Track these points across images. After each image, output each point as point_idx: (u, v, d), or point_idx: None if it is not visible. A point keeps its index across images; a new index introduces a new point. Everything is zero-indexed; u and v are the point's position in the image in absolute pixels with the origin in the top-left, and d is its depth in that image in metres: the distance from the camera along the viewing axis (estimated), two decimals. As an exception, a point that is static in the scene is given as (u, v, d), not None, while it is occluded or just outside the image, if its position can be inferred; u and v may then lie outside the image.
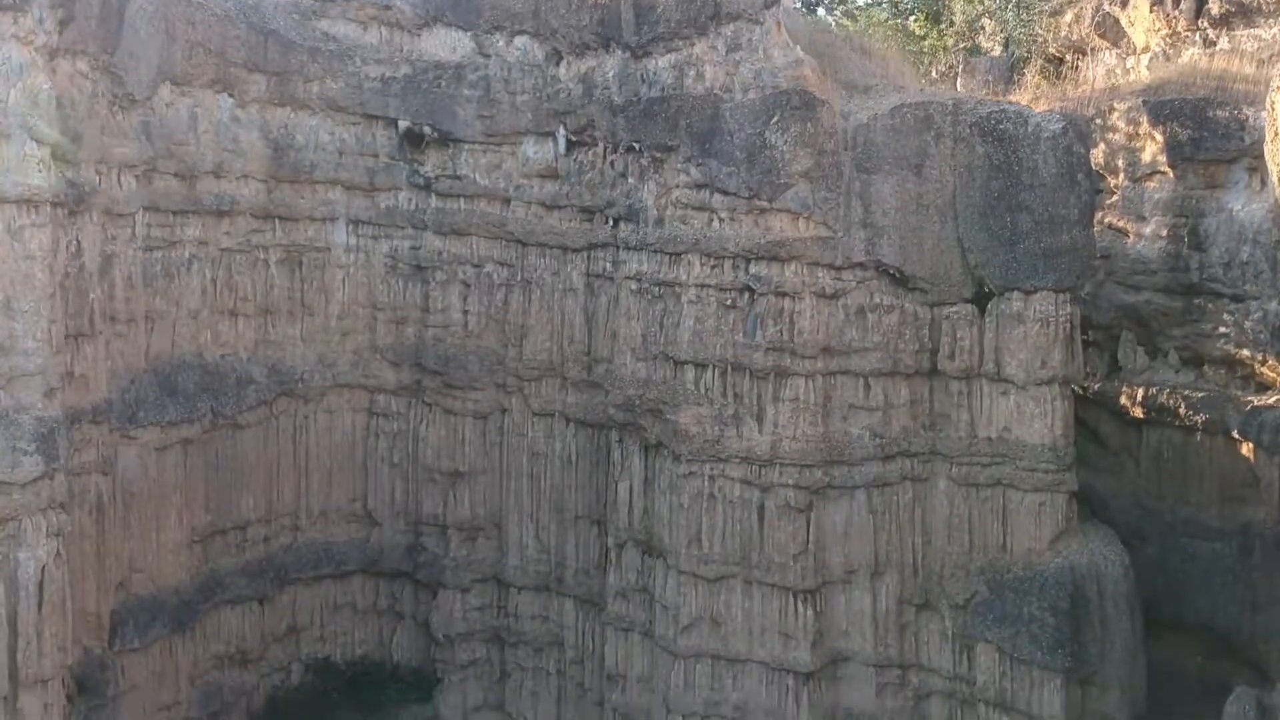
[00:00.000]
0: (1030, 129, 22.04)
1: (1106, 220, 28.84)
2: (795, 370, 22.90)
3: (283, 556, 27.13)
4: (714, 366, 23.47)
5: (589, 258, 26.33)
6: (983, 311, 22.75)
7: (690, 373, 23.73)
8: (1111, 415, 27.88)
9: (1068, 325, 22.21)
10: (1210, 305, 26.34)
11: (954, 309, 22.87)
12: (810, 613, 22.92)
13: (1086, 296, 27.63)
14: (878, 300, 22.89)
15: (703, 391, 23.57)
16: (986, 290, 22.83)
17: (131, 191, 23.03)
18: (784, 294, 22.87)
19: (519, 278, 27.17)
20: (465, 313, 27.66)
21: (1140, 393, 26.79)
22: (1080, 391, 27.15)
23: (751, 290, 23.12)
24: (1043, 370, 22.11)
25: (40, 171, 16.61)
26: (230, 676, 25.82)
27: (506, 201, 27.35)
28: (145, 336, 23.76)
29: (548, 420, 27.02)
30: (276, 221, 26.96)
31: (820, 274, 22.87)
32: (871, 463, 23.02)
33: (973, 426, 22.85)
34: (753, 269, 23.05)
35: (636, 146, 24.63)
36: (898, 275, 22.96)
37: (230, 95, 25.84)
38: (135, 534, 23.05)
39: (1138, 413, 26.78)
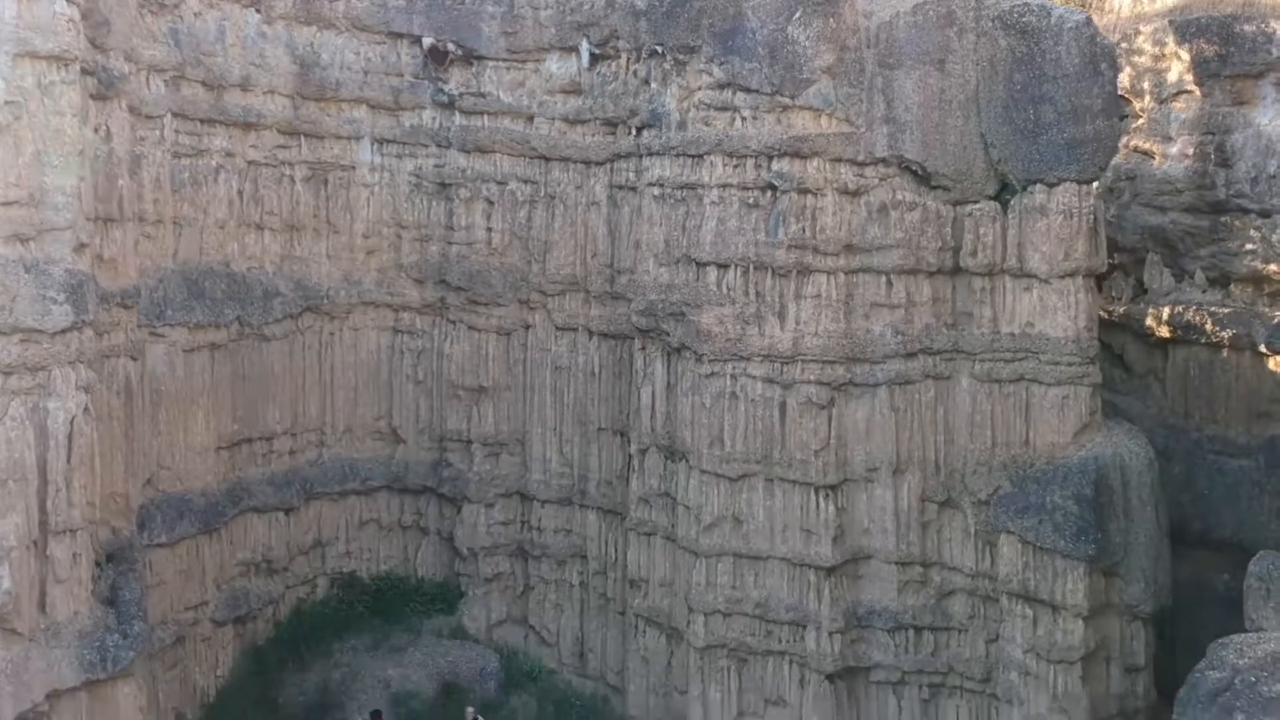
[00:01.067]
0: (1053, 21, 21.99)
1: (1132, 144, 28.77)
2: (817, 267, 22.94)
3: (308, 470, 27.36)
4: (736, 266, 23.52)
5: (612, 170, 26.45)
6: (1005, 208, 22.74)
7: (712, 274, 23.79)
8: (1137, 338, 27.80)
9: (1090, 217, 22.15)
10: (1237, 222, 26.24)
11: (976, 206, 22.86)
12: (832, 508, 22.95)
13: (1112, 219, 27.60)
14: (900, 197, 22.88)
15: (725, 292, 23.63)
16: (1009, 186, 22.81)
17: (160, 94, 23.28)
18: (806, 191, 22.90)
19: (542, 193, 27.31)
20: (489, 230, 27.81)
21: (1166, 311, 26.73)
22: (1106, 315, 27.11)
23: (774, 188, 23.17)
24: (1066, 262, 22.06)
25: (70, 31, 16.82)
26: (256, 584, 26.05)
27: (530, 118, 27.49)
28: (173, 241, 24.01)
29: (571, 334, 27.16)
30: (302, 138, 27.18)
31: (842, 170, 22.89)
32: (893, 360, 23.02)
33: (995, 323, 22.83)
34: (775, 166, 23.09)
35: (659, 50, 24.71)
36: (920, 172, 22.95)
37: (257, 10, 26.09)
38: (163, 432, 23.29)
39: (1164, 332, 26.69)
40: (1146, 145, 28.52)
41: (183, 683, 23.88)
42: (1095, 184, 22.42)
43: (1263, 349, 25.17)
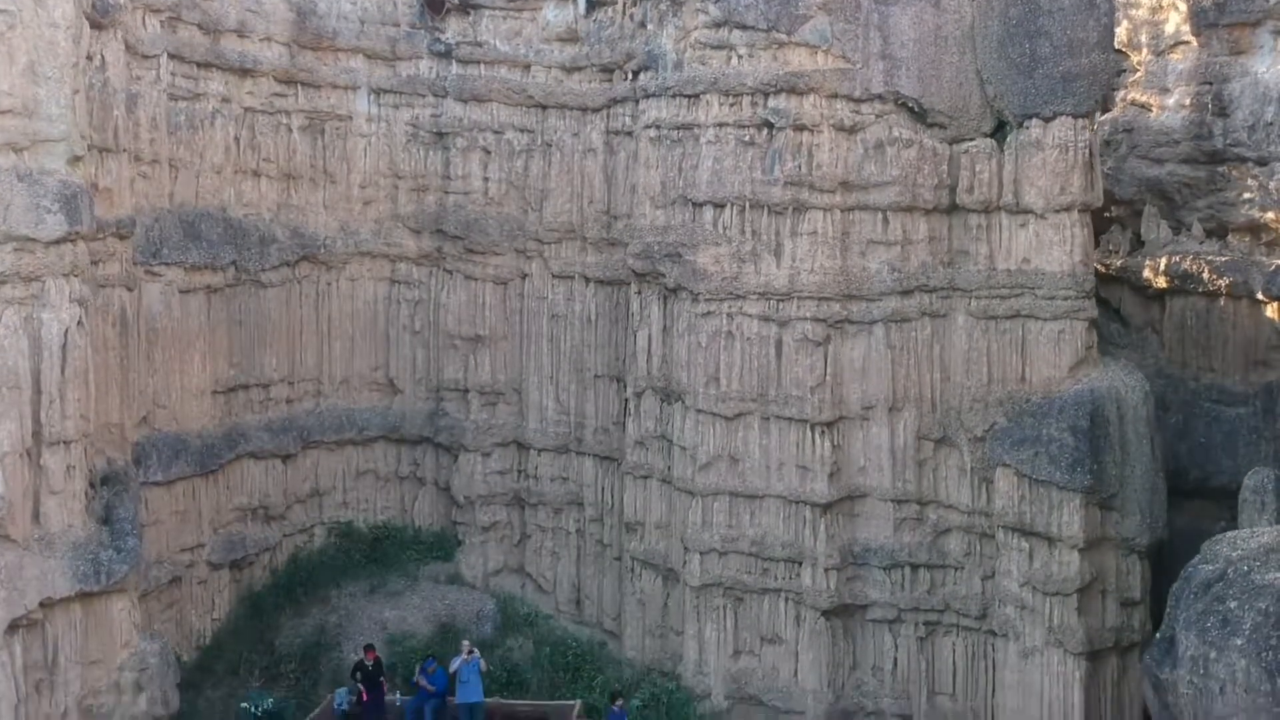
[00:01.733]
0: (1049, -46, 21.99)
1: (1130, 97, 28.76)
2: (813, 204, 22.93)
3: (305, 419, 27.36)
4: (732, 205, 23.51)
5: (608, 116, 26.44)
6: (1001, 146, 22.74)
7: (708, 213, 23.78)
8: (1134, 292, 27.75)
9: (1086, 151, 22.14)
10: (1234, 171, 26.22)
11: (972, 143, 22.87)
12: (827, 445, 22.94)
13: (1109, 172, 27.57)
14: (896, 134, 22.87)
15: (721, 231, 23.62)
16: (1005, 123, 22.81)
17: (155, 34, 23.29)
18: (802, 128, 22.90)
19: (539, 142, 27.30)
20: (485, 179, 27.79)
21: (1163, 261, 26.68)
22: (1103, 269, 27.10)
23: (770, 126, 23.16)
24: (1062, 196, 22.06)
25: (61, -58, 16.83)
26: (253, 530, 26.05)
27: (527, 66, 27.49)
28: (169, 182, 24.01)
29: (567, 282, 27.15)
30: (299, 87, 27.18)
31: (839, 106, 22.89)
32: (889, 298, 23.02)
33: (991, 259, 22.82)
34: (771, 104, 23.08)
35: (656, -11, 24.76)
36: (916, 109, 22.94)
37: (253, -44, 26.10)
38: (159, 371, 23.30)
39: (1161, 282, 26.65)
40: (1144, 98, 28.49)
41: (179, 624, 23.88)
42: (1091, 117, 22.36)
43: (1260, 296, 25.12)
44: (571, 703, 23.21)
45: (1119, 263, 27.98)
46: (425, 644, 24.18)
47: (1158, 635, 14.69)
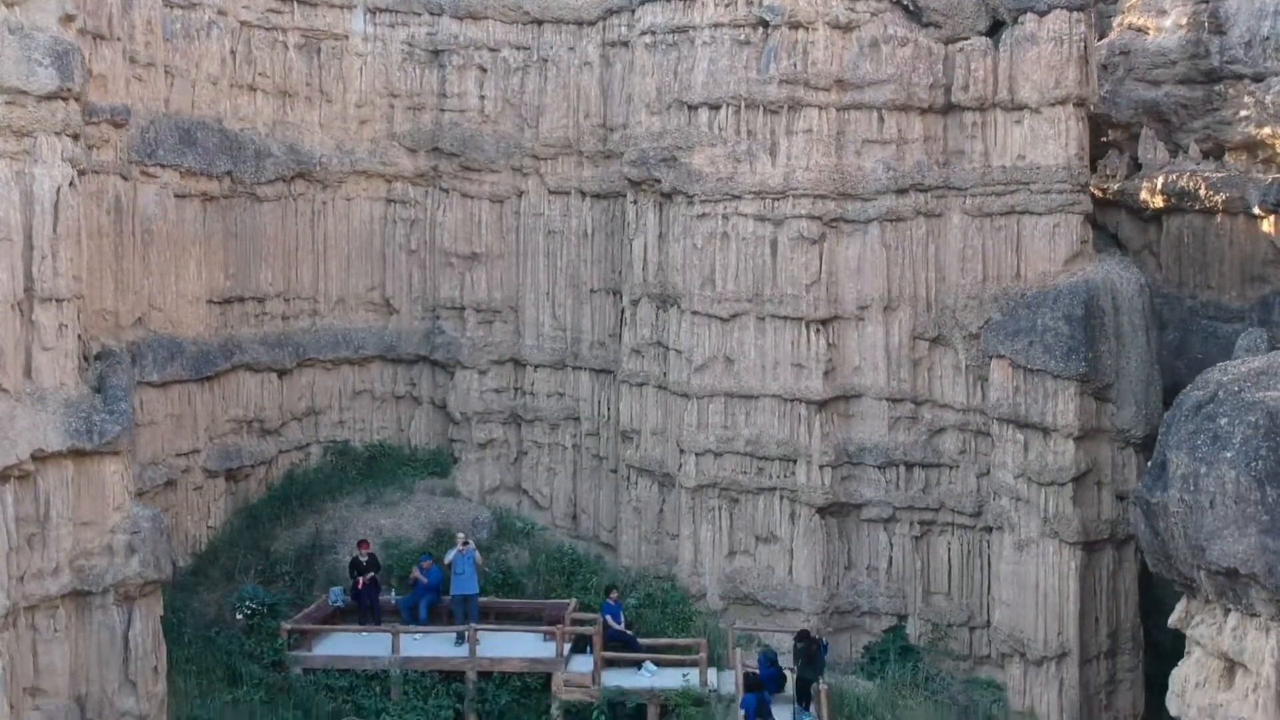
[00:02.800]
0: None
1: (1126, 21, 28.77)
2: (809, 102, 22.93)
3: (301, 336, 27.34)
4: (727, 106, 23.50)
5: (604, 28, 26.43)
6: (996, 45, 22.72)
7: (704, 115, 23.77)
8: (1131, 215, 27.76)
9: (1081, 44, 22.12)
10: (1231, 89, 26.20)
11: (968, 42, 22.86)
12: (823, 343, 22.95)
13: (1105, 95, 27.55)
14: (891, 32, 22.87)
15: (716, 132, 23.61)
16: (1000, 23, 22.80)
17: (151, -62, 23.32)
18: (798, 25, 22.89)
19: (535, 58, 27.29)
20: (481, 97, 27.77)
21: (1160, 181, 26.67)
22: (1100, 193, 27.10)
23: (765, 24, 23.15)
24: (1056, 90, 22.05)
25: None
26: (249, 442, 26.05)
27: (522, -19, 27.53)
28: (165, 88, 23.98)
29: (564, 198, 27.14)
30: (295, 4, 27.13)
31: (834, 4, 22.88)
32: (885, 196, 23.01)
33: (986, 156, 22.83)
34: (766, 1, 23.06)
35: (651, -107, 24.74)
36: (911, 7, 22.95)
37: None
38: (155, 274, 23.28)
39: (1158, 201, 26.64)
40: (1140, 21, 28.47)
41: (175, 530, 23.78)
42: (1086, 11, 22.34)
43: (1256, 211, 25.11)
44: (567, 601, 23.20)
45: (1116, 186, 27.97)
46: (420, 548, 24.17)
47: (1149, 464, 14.69)
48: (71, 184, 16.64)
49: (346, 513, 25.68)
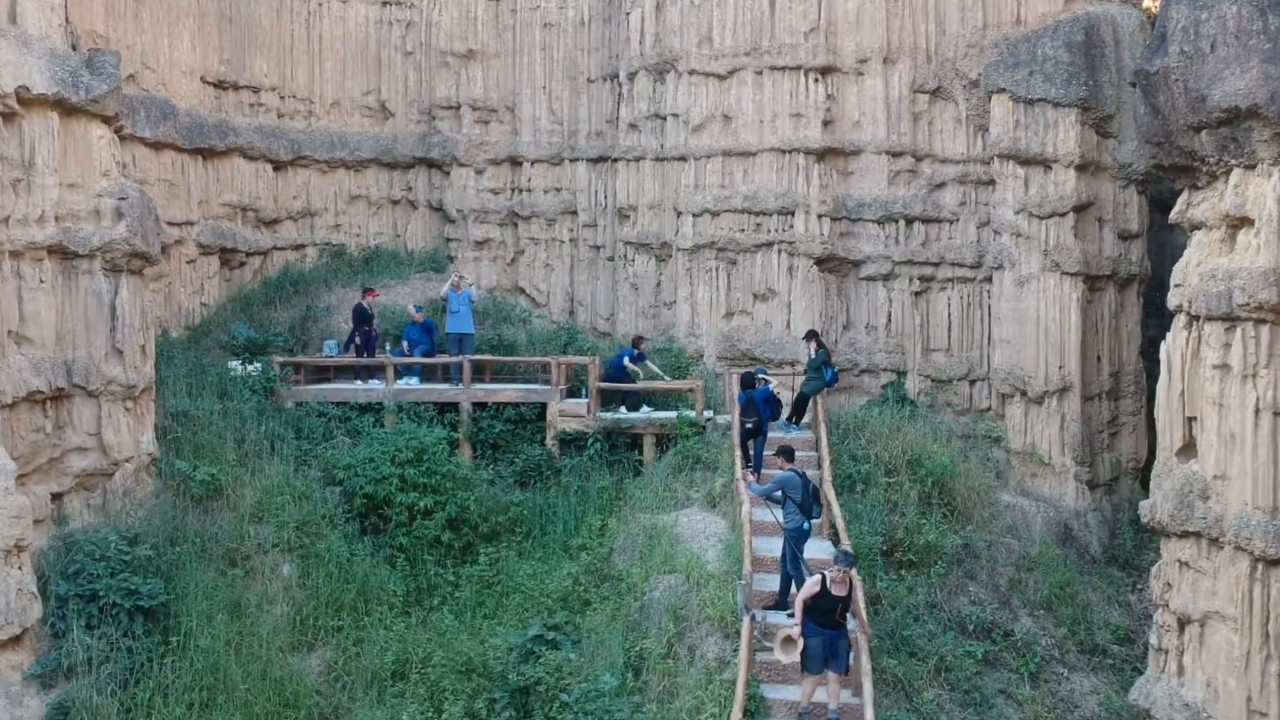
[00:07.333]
0: None
1: None
2: None
3: (296, 134, 27.11)
4: None
5: None
6: None
7: (696, -128, 23.55)
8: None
9: None
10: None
11: None
12: (821, 91, 22.69)
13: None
14: None
15: (711, -111, 23.39)
16: None
17: None
18: None
19: None
20: (478, -106, 27.60)
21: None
22: None
23: None
24: None
25: None
26: (244, 230, 25.85)
27: None
28: None
29: (560, -11, 26.95)
30: None
31: None
32: (884, -54, 22.76)
33: (987, -96, 22.54)
34: None
35: None
36: None
37: None
38: (146, 32, 23.09)
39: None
40: None
41: (168, 298, 23.71)
42: None
43: None
44: (567, 357, 22.88)
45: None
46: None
47: (1148, 40, 14.34)
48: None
49: (341, 296, 25.46)
